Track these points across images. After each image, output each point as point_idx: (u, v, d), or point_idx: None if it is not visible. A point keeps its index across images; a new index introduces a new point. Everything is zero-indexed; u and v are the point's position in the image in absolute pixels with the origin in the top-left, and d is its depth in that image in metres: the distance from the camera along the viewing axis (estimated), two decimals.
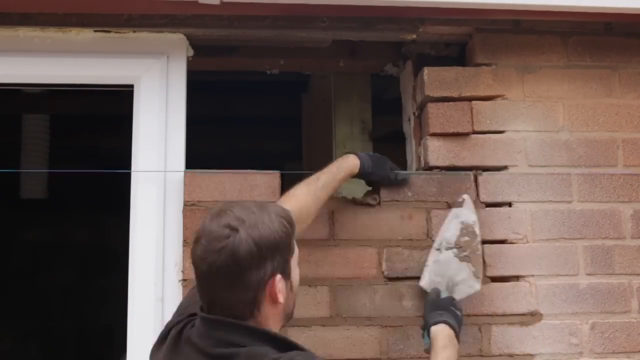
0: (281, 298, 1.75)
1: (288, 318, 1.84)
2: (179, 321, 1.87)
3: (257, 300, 1.73)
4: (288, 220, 1.79)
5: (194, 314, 1.83)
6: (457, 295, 2.37)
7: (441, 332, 2.22)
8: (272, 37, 2.71)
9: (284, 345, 1.73)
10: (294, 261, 1.82)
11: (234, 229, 1.70)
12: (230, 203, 1.81)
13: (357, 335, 2.45)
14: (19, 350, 6.15)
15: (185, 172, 2.54)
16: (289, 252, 1.79)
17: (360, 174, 2.44)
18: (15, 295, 6.07)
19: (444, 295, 2.36)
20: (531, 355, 2.50)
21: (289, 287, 1.79)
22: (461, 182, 2.59)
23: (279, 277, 1.74)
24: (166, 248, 2.51)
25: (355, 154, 2.47)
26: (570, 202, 2.62)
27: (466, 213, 2.46)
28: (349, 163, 2.42)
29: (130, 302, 2.49)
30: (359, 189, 2.61)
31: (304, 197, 2.26)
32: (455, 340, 2.22)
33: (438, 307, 2.30)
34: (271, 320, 1.76)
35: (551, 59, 2.71)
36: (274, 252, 1.74)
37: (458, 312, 2.29)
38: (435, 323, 2.24)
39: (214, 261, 1.69)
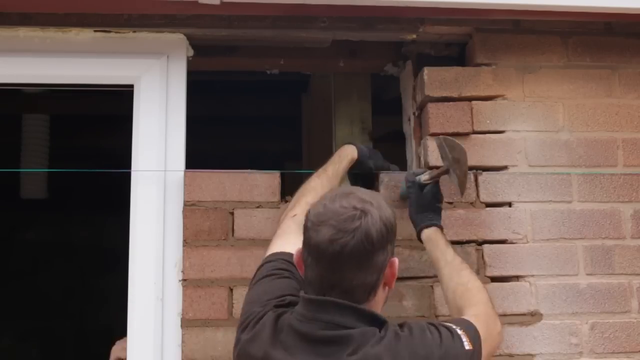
0: (394, 282, 1.78)
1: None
2: (266, 312, 1.82)
3: (377, 284, 1.74)
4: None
5: (283, 304, 1.81)
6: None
7: (437, 233, 2.29)
8: (272, 37, 2.71)
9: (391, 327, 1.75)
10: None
11: (364, 210, 1.70)
12: (339, 188, 1.85)
13: None
14: (19, 349, 6.15)
15: (185, 172, 2.54)
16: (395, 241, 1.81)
17: (359, 159, 2.48)
18: (15, 295, 6.07)
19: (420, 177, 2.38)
20: (531, 355, 2.50)
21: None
22: None
23: (396, 260, 1.78)
24: (166, 248, 2.51)
25: (351, 143, 2.55)
26: (570, 202, 2.62)
27: None
28: (347, 151, 2.49)
29: (130, 302, 2.50)
30: None
31: (322, 188, 2.26)
32: None
33: (423, 206, 2.33)
34: (378, 306, 1.78)
35: (551, 59, 2.71)
36: (393, 236, 1.77)
37: (439, 205, 2.35)
38: (427, 226, 2.30)
39: (348, 242, 1.67)
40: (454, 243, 2.54)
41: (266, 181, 2.54)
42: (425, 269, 2.51)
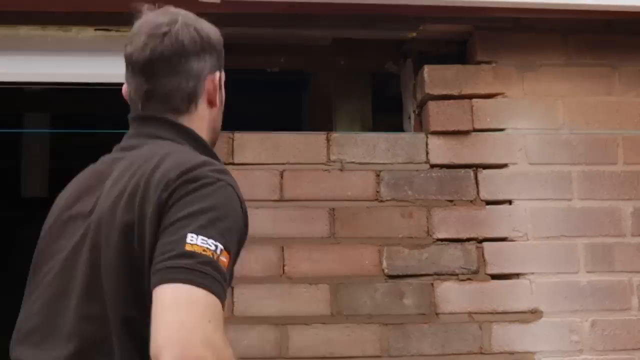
0: (217, 100, 1.74)
1: (213, 142, 1.76)
2: None
3: (196, 94, 1.69)
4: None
5: None
6: None
7: None
8: (272, 36, 2.71)
9: (205, 150, 1.65)
10: (222, 81, 1.80)
11: (174, 19, 1.70)
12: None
13: (357, 333, 2.46)
14: None
15: None
16: (221, 61, 1.79)
17: None
18: (15, 295, 6.07)
19: None
20: (531, 352, 2.50)
21: (221, 102, 1.78)
22: (461, 180, 2.59)
23: (217, 75, 1.75)
24: None
25: None
26: (570, 199, 2.62)
27: None
28: None
29: None
30: None
31: None
32: None
33: None
34: (203, 123, 1.71)
35: (551, 57, 2.71)
36: (212, 48, 1.75)
37: None
38: None
39: (156, 46, 1.65)
40: (454, 241, 2.55)
41: (267, 179, 2.55)
42: (425, 267, 2.52)
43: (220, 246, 1.35)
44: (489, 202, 2.60)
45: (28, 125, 4.77)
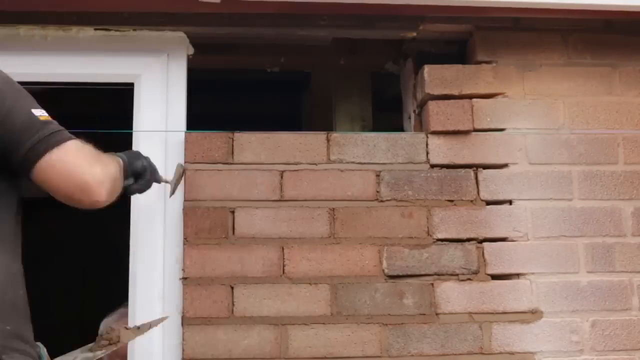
0: None
1: None
2: None
3: None
4: None
5: None
6: None
7: None
8: (272, 35, 2.71)
9: None
10: None
11: None
12: None
13: (357, 333, 2.45)
14: None
15: (186, 170, 2.54)
16: None
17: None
18: None
19: None
20: (532, 353, 2.50)
21: None
22: (461, 180, 2.59)
23: None
24: (166, 246, 2.51)
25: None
26: (570, 199, 2.62)
27: None
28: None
29: (130, 300, 2.50)
30: None
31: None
32: None
33: None
34: None
35: (551, 57, 2.71)
36: None
37: None
38: None
39: None
40: (454, 241, 2.55)
41: (267, 179, 2.54)
42: (425, 267, 2.52)
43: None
44: (489, 202, 2.59)
45: None
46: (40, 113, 1.87)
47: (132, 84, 2.65)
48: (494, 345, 2.49)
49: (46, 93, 4.45)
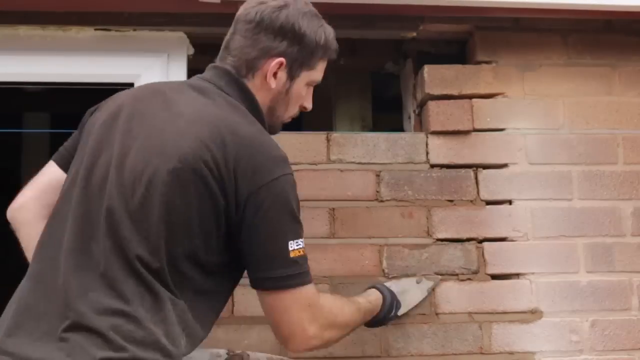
0: (273, 83, 1.84)
1: (271, 127, 1.94)
2: None
3: (255, 65, 1.83)
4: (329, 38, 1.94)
5: None
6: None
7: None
8: None
9: (257, 114, 1.84)
10: (305, 80, 1.92)
11: (286, 4, 1.86)
12: None
13: (357, 333, 2.45)
14: None
15: None
16: (310, 59, 1.88)
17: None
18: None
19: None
20: (532, 352, 2.50)
21: (286, 91, 1.89)
22: (461, 180, 2.59)
23: (281, 61, 1.83)
24: None
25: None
26: (570, 199, 2.62)
27: None
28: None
29: None
30: None
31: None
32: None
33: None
34: (258, 96, 1.85)
35: (551, 57, 2.71)
36: (296, 40, 1.84)
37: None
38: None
39: (251, 9, 1.84)
40: (454, 241, 2.55)
41: None
42: (425, 267, 2.52)
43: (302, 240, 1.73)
44: (489, 202, 2.60)
45: (28, 125, 4.78)
46: (293, 247, 1.72)
47: (132, 84, 2.65)
48: (494, 345, 2.49)
49: (46, 93, 4.47)
